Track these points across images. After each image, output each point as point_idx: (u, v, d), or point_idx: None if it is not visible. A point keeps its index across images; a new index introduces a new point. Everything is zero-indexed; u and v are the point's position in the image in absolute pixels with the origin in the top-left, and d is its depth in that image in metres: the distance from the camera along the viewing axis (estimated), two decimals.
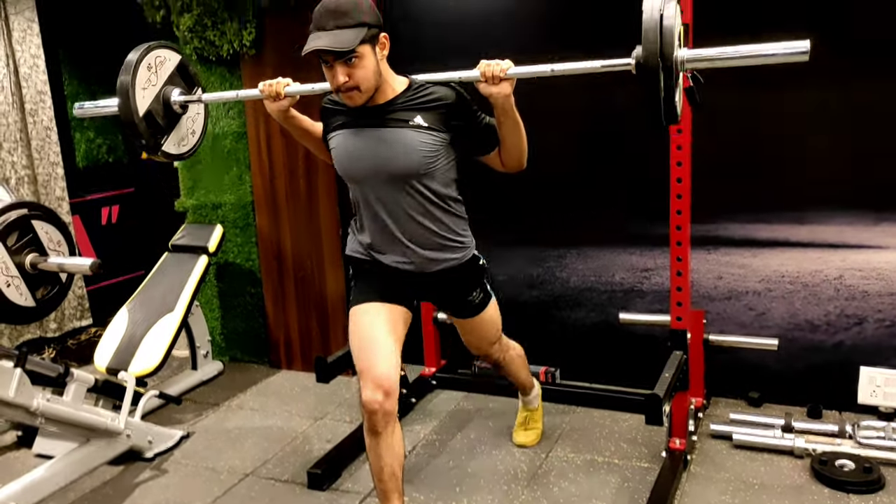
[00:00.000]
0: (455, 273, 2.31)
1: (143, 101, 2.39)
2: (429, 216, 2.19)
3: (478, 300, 2.43)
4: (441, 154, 2.13)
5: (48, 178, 4.11)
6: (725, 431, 2.93)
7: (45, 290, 2.73)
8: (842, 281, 3.02)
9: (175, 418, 3.42)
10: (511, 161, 2.20)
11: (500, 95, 2.00)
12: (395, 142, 2.10)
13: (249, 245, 3.88)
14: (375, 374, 2.15)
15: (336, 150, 2.21)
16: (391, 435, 2.20)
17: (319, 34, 1.99)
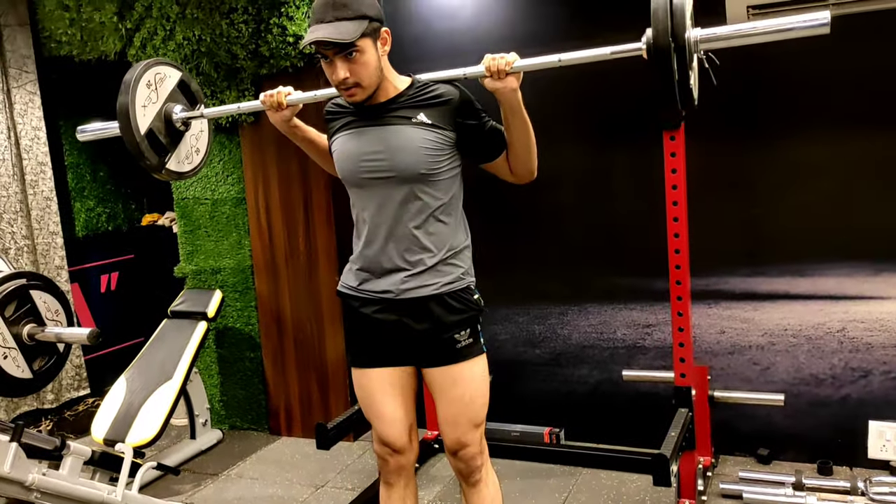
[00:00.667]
0: (443, 302, 2.05)
1: (144, 119, 2.33)
2: (427, 227, 2.03)
3: (464, 342, 2.06)
4: (445, 155, 2.01)
5: (47, 247, 4.12)
6: (735, 490, 2.87)
7: (42, 361, 2.70)
8: (845, 333, 3.00)
9: (173, 489, 3.35)
10: (520, 167, 2.08)
11: (507, 90, 1.91)
12: (397, 138, 1.98)
13: (249, 309, 3.87)
14: (383, 434, 2.13)
15: (337, 153, 2.10)
16: (404, 488, 2.17)
17: (319, 26, 1.89)
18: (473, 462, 2.11)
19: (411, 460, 2.17)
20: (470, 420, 2.09)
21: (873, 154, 2.89)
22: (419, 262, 2.03)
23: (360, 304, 2.12)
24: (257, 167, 3.73)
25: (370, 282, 2.09)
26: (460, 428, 2.09)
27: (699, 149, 2.86)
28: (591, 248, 3.40)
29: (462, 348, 2.07)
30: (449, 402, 2.09)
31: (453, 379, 2.08)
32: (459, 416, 2.08)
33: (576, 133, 3.35)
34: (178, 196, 3.94)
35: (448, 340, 2.06)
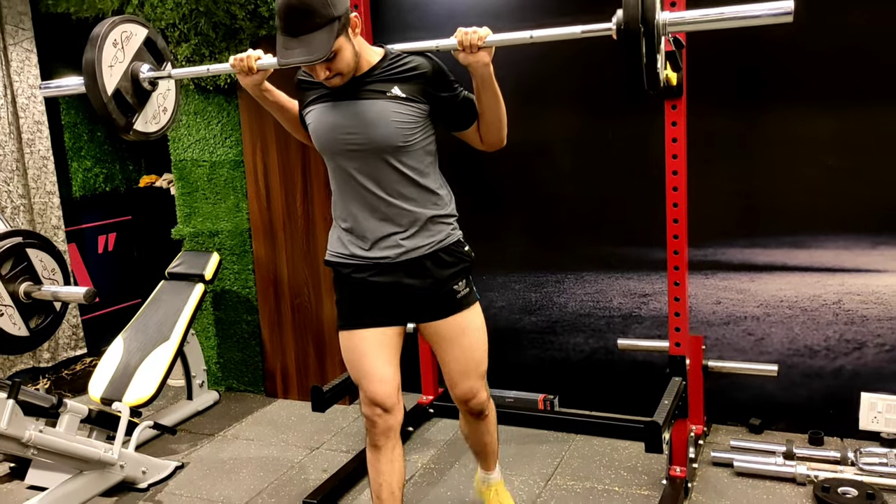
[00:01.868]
0: (438, 258, 2.13)
1: (111, 79, 2.29)
2: (410, 193, 2.09)
3: (463, 292, 2.17)
4: (419, 126, 2.05)
5: (44, 207, 4.10)
6: (726, 458, 2.90)
7: (38, 319, 2.71)
8: (840, 305, 3.01)
9: (170, 449, 3.38)
10: (490, 136, 2.13)
11: (479, 64, 1.95)
12: (372, 113, 2.02)
13: (246, 272, 3.87)
14: (373, 393, 2.15)
15: (313, 125, 2.13)
16: (392, 451, 2.19)
17: (289, 42, 1.90)
18: (482, 405, 2.31)
19: (399, 420, 2.19)
20: (477, 367, 2.24)
21: (874, 127, 2.87)
22: (406, 225, 2.10)
23: (352, 269, 2.17)
24: (255, 130, 3.70)
25: (361, 248, 2.14)
26: (471, 377, 2.24)
27: (700, 118, 2.84)
28: (589, 217, 3.40)
29: (462, 297, 2.18)
30: (459, 350, 2.21)
31: (461, 328, 2.19)
32: (469, 363, 2.22)
33: (575, 99, 3.33)
34: (175, 158, 3.92)
35: (448, 292, 2.16)
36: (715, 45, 2.88)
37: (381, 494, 2.21)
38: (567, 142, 3.36)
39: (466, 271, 2.20)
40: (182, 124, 3.85)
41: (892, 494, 2.63)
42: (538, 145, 3.37)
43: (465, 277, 2.19)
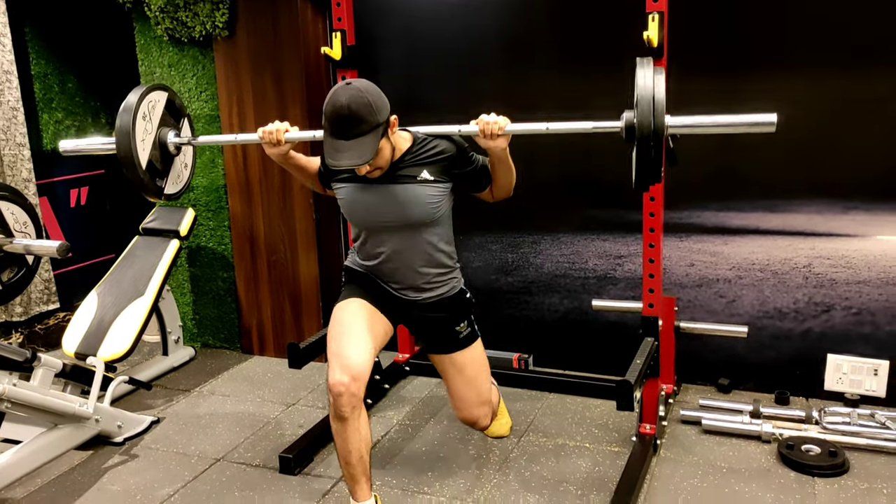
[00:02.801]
0: (442, 304, 2.42)
1: (144, 152, 2.49)
2: (430, 261, 2.35)
3: (465, 333, 2.47)
4: (445, 200, 2.31)
5: (14, 159, 4.02)
6: (695, 417, 2.96)
7: (10, 273, 2.68)
8: (811, 269, 3.07)
9: (145, 404, 3.39)
10: (500, 195, 2.40)
11: (498, 149, 2.20)
12: (405, 197, 2.25)
13: (222, 229, 3.85)
14: (345, 360, 2.19)
15: (345, 201, 2.35)
16: (357, 419, 2.21)
17: (338, 144, 2.09)
18: (485, 425, 2.61)
19: (361, 390, 2.21)
20: (478, 395, 2.52)
21: (850, 93, 2.89)
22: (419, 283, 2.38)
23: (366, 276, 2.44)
24: (231, 85, 3.64)
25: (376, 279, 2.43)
26: (472, 407, 2.53)
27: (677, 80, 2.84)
28: (566, 179, 3.41)
29: (464, 338, 2.47)
30: (462, 382, 2.50)
31: (462, 364, 2.48)
32: (469, 393, 2.51)
33: (553, 59, 3.31)
34: None
35: (450, 332, 2.46)
36: (695, 8, 2.88)
37: (350, 460, 2.25)
38: (547, 102, 3.34)
39: (468, 314, 2.48)
40: (156, 76, 3.78)
41: (854, 452, 2.71)
42: (518, 105, 3.34)
43: (466, 319, 2.47)
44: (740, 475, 2.62)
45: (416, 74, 3.52)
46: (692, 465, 2.70)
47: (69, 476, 2.79)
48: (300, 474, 2.75)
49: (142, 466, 2.85)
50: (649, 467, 2.68)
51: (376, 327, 2.36)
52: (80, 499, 2.64)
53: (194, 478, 2.75)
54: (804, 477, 2.59)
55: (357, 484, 2.27)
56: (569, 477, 2.66)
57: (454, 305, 2.44)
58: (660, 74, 2.06)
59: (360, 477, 2.27)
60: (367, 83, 2.13)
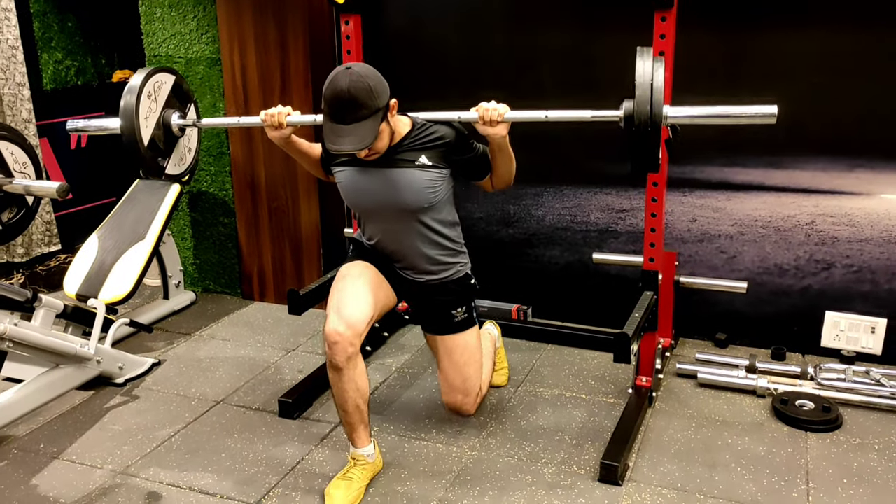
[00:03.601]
0: (445, 288, 2.44)
1: (147, 130, 2.55)
2: (430, 244, 2.37)
3: (461, 318, 2.47)
4: (443, 186, 2.31)
5: (14, 99, 3.98)
6: (691, 370, 2.99)
7: (10, 213, 2.67)
8: (813, 226, 3.06)
9: (146, 346, 3.41)
10: (500, 185, 2.41)
11: (497, 136, 2.20)
12: (402, 181, 2.25)
13: (223, 174, 3.82)
14: (343, 311, 2.22)
15: (343, 185, 2.37)
16: (353, 369, 2.23)
17: (338, 129, 2.09)
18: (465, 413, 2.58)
19: (357, 343, 2.22)
20: (464, 382, 2.49)
21: (857, 49, 2.84)
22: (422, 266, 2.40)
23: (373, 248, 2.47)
24: (233, 28, 3.58)
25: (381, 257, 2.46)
26: (457, 393, 2.51)
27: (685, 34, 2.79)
28: (570, 131, 3.36)
29: (459, 322, 2.47)
30: (452, 365, 2.50)
31: (453, 347, 2.48)
32: (457, 378, 2.49)
33: (560, 9, 3.24)
34: (150, 53, 3.79)
35: (447, 315, 2.46)
36: None
37: (347, 409, 2.27)
38: (553, 53, 3.29)
39: (469, 300, 2.48)
40: (156, 17, 3.71)
41: (847, 408, 2.74)
42: (523, 58, 3.30)
43: (465, 304, 2.47)
44: (733, 428, 2.65)
45: (420, 18, 3.45)
46: (686, 417, 2.73)
47: (71, 415, 2.83)
48: (299, 419, 2.79)
49: (143, 407, 2.89)
50: (644, 419, 2.71)
51: (380, 291, 2.38)
52: (81, 437, 2.68)
53: (195, 419, 2.79)
54: (797, 431, 2.62)
55: (354, 432, 2.31)
56: (564, 427, 2.69)
57: (457, 290, 2.46)
58: (659, 64, 2.07)
59: (357, 425, 2.30)
60: (367, 67, 2.13)
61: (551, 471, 2.43)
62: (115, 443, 2.64)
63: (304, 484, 2.39)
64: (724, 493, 2.29)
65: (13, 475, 2.46)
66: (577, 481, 2.37)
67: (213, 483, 2.40)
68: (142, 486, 2.39)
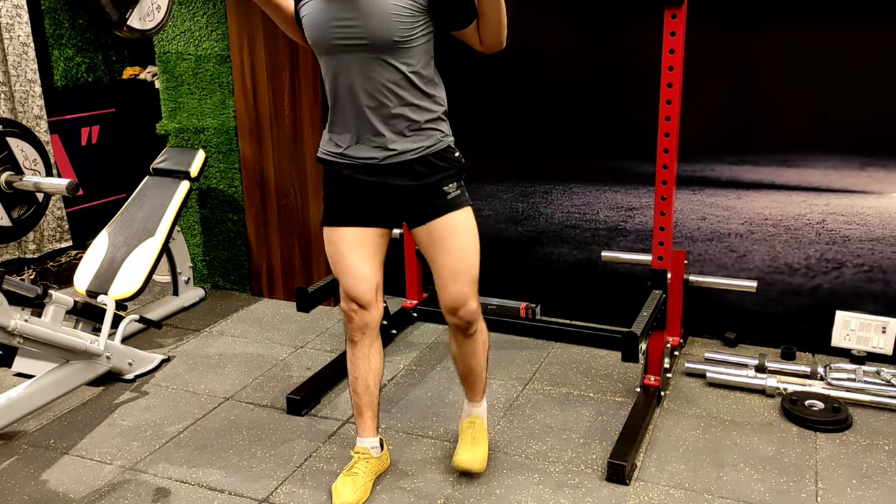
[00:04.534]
0: (427, 162, 2.11)
1: None
2: (403, 95, 2.03)
3: (453, 193, 2.14)
4: (418, 23, 1.98)
5: (25, 95, 4.01)
6: (700, 370, 2.98)
7: (21, 210, 2.68)
8: (824, 225, 3.04)
9: (156, 342, 3.43)
10: (489, 38, 2.03)
11: None
12: (369, 6, 1.94)
13: (232, 171, 3.83)
14: (350, 289, 2.20)
15: (307, 19, 2.06)
16: (368, 347, 2.24)
17: None
18: (472, 316, 2.22)
19: (376, 318, 2.23)
20: (468, 271, 2.16)
21: (869, 47, 2.82)
22: (398, 128, 2.06)
23: (340, 167, 2.15)
24: (243, 24, 3.58)
25: (350, 147, 2.12)
26: (461, 281, 2.16)
27: (696, 33, 2.77)
28: (580, 129, 3.36)
29: (452, 199, 2.14)
30: (448, 252, 2.15)
31: (449, 228, 2.14)
32: (459, 268, 2.15)
33: (572, 7, 3.23)
34: (160, 50, 3.81)
35: (438, 192, 2.13)
36: None
37: (356, 388, 2.29)
38: (562, 50, 3.28)
39: (457, 175, 2.16)
40: None
41: (857, 408, 2.72)
42: (532, 53, 3.29)
43: (455, 180, 2.15)
44: (742, 428, 2.64)
45: None
46: (695, 416, 2.72)
47: (80, 411, 2.85)
48: (307, 415, 2.79)
49: (152, 403, 2.90)
50: (652, 418, 2.70)
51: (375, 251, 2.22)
52: (91, 433, 2.69)
53: (203, 416, 2.80)
54: (806, 431, 2.60)
55: (361, 417, 2.31)
56: (572, 425, 2.68)
57: (440, 161, 2.12)
58: None
59: (365, 410, 2.30)
60: None
61: (558, 469, 2.42)
62: (125, 439, 2.65)
63: (312, 480, 2.39)
64: (733, 493, 2.28)
65: (23, 470, 2.47)
66: (584, 480, 2.36)
67: (222, 479, 2.41)
68: (150, 482, 2.40)
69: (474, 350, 2.32)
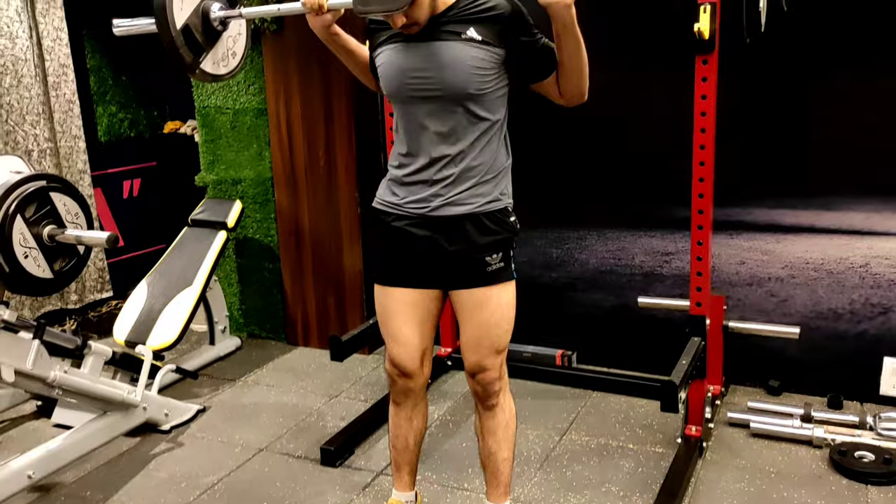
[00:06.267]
0: (479, 222, 2.01)
1: (182, 13, 2.24)
2: (472, 148, 1.98)
3: (495, 266, 2.02)
4: (494, 73, 1.93)
5: (70, 151, 4.13)
6: (743, 419, 2.89)
7: (62, 262, 2.73)
8: (867, 269, 2.96)
9: (192, 392, 3.44)
10: (570, 89, 1.96)
11: (560, 6, 1.77)
12: (446, 56, 1.90)
13: (268, 221, 3.89)
14: (394, 356, 2.14)
15: (382, 67, 2.01)
16: (412, 409, 2.21)
17: None
18: (492, 386, 2.10)
19: (420, 384, 2.17)
20: (492, 344, 2.06)
21: None
22: (458, 180, 1.98)
23: (392, 218, 2.07)
24: (279, 78, 3.67)
25: (406, 197, 2.05)
26: (482, 351, 2.06)
27: (730, 76, 2.76)
28: (614, 174, 3.35)
29: (492, 272, 2.03)
30: (473, 325, 2.06)
31: (480, 302, 2.04)
32: (483, 339, 2.05)
33: (606, 54, 3.24)
34: (199, 105, 3.91)
35: (479, 262, 2.02)
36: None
37: (396, 445, 2.26)
38: (595, 95, 3.27)
39: (506, 244, 2.05)
40: None
41: None
42: None
43: (502, 251, 2.04)
44: (790, 481, 2.54)
45: None
46: (739, 469, 2.63)
47: (117, 462, 2.86)
48: (341, 466, 2.76)
49: (187, 454, 2.90)
50: (694, 470, 2.62)
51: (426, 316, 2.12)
52: (127, 485, 2.70)
53: (237, 467, 2.79)
54: (857, 484, 2.50)
55: (398, 472, 2.28)
56: (611, 477, 2.61)
57: (493, 224, 2.03)
58: None
59: (402, 466, 2.27)
60: None
61: None
62: (160, 490, 2.65)
63: None
64: None
65: None
66: None
67: None
68: None
69: (494, 428, 2.15)
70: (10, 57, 3.79)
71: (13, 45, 3.79)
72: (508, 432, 2.16)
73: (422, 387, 2.20)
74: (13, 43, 3.79)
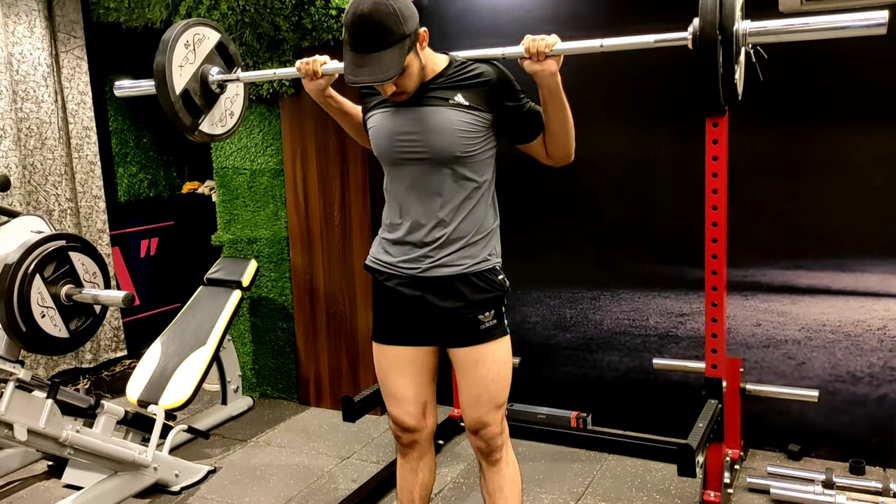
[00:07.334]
0: (469, 282, 2.03)
1: (180, 78, 2.31)
2: (459, 210, 2.00)
3: (488, 323, 2.04)
4: (481, 137, 1.98)
5: (90, 211, 4.20)
6: (763, 485, 2.82)
7: (79, 322, 2.76)
8: (885, 332, 2.92)
9: (203, 453, 3.42)
10: (557, 151, 2.03)
11: (546, 73, 1.86)
12: (434, 120, 1.95)
13: (283, 280, 3.91)
14: (393, 413, 2.19)
15: (373, 131, 2.07)
16: (417, 460, 2.21)
17: (359, 59, 1.83)
18: (494, 442, 2.10)
19: (425, 436, 2.20)
20: (491, 400, 2.07)
21: None
22: (447, 242, 2.01)
23: (384, 277, 2.12)
24: (296, 139, 3.74)
25: (397, 257, 2.09)
26: (481, 408, 2.07)
27: (744, 137, 2.79)
28: (626, 234, 3.36)
29: (485, 329, 2.05)
30: (471, 382, 2.07)
31: (476, 360, 2.05)
32: (481, 395, 2.06)
33: (617, 116, 3.30)
34: (217, 165, 3.98)
35: (472, 321, 2.04)
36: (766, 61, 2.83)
37: (401, 498, 2.25)
38: (608, 157, 3.32)
39: (497, 302, 2.07)
40: None
41: None
42: (578, 160, 3.33)
43: (494, 308, 2.06)
44: None
45: None
46: None
47: None
48: None
49: None
50: None
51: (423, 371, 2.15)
52: None
53: None
54: None
55: None
56: None
57: (482, 283, 2.04)
58: None
59: None
60: None
61: None
62: None
63: None
64: None
65: None
66: None
67: None
68: None
69: (501, 484, 2.14)
70: (36, 120, 3.89)
71: (38, 108, 3.90)
72: (515, 487, 2.16)
73: (427, 438, 2.20)
74: (38, 107, 3.90)
